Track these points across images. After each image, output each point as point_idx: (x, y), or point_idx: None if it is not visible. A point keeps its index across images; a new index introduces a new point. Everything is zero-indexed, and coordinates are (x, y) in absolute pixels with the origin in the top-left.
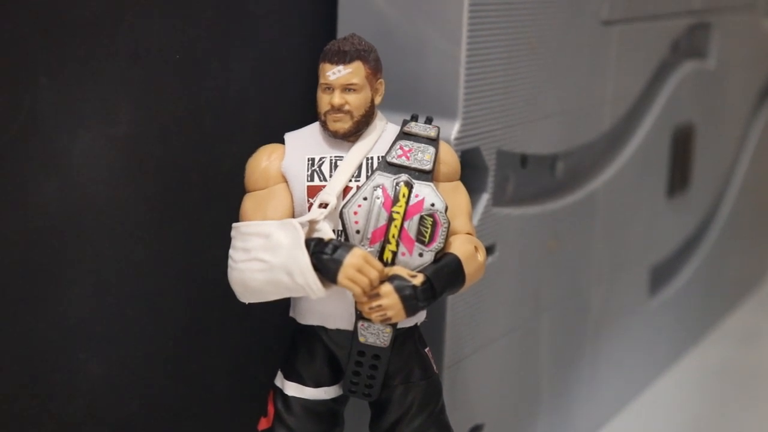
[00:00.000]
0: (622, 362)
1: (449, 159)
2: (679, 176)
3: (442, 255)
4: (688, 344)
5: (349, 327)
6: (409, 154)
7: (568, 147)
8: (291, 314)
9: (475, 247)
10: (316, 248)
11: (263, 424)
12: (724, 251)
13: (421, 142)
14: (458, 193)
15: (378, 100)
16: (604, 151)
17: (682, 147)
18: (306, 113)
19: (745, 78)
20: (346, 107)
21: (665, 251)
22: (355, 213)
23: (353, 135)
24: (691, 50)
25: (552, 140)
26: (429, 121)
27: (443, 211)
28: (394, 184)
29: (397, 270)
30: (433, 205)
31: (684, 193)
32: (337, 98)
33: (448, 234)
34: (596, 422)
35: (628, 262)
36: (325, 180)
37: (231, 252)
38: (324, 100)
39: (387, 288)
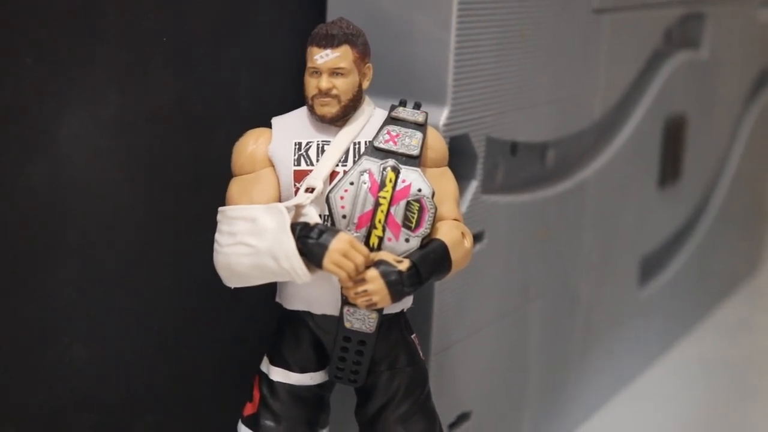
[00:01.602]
0: (612, 352)
1: (437, 145)
2: (670, 167)
3: (428, 241)
4: (678, 335)
5: (335, 312)
6: (396, 139)
7: (559, 135)
8: (277, 299)
9: (462, 234)
10: (302, 233)
11: (249, 409)
12: (715, 242)
13: (408, 128)
14: (445, 178)
15: (366, 84)
16: (595, 141)
17: (673, 137)
18: (294, 98)
19: (738, 69)
20: (334, 91)
21: (656, 242)
22: (342, 198)
23: (341, 119)
24: (684, 40)
25: (542, 128)
26: (417, 106)
27: (430, 196)
28: (381, 169)
29: (383, 255)
30: (420, 190)
31: (675, 183)
32: (324, 82)
33: (435, 220)
34: (585, 412)
35: (619, 252)
36: (312, 164)
37: (217, 236)
38: (311, 84)
39: (373, 273)
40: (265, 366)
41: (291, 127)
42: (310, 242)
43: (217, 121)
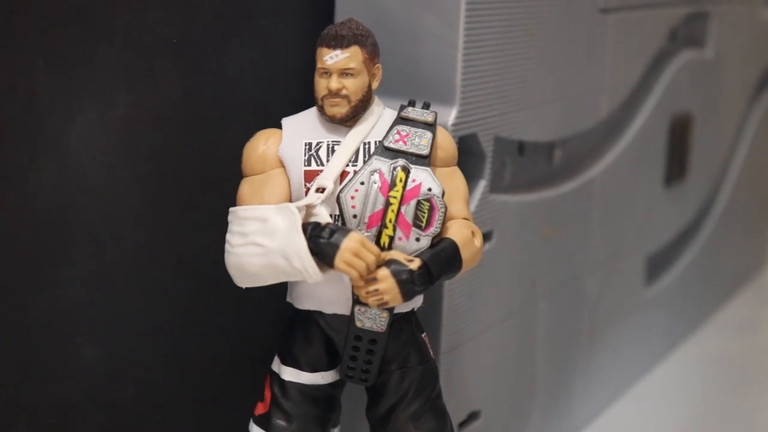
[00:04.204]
0: (619, 351)
1: (446, 144)
2: (676, 165)
3: (439, 240)
4: (684, 334)
5: (346, 312)
6: (406, 139)
7: (566, 134)
8: (288, 299)
9: (472, 233)
10: (313, 232)
11: (260, 408)
12: (721, 241)
13: (418, 127)
14: (455, 178)
15: (375, 85)
16: (601, 140)
17: (679, 136)
18: (303, 98)
19: (742, 68)
20: (344, 92)
21: (662, 240)
22: (352, 197)
23: (350, 120)
24: (689, 39)
25: (549, 127)
26: (426, 106)
27: (440, 195)
28: (391, 168)
29: (393, 254)
30: (430, 189)
31: (681, 182)
32: (334, 83)
33: (445, 219)
34: (592, 410)
35: (625, 250)
36: (323, 165)
37: (228, 236)
38: (321, 85)
39: (384, 272)
40: (276, 365)
41: (301, 127)
42: (321, 242)
43: (226, 121)
